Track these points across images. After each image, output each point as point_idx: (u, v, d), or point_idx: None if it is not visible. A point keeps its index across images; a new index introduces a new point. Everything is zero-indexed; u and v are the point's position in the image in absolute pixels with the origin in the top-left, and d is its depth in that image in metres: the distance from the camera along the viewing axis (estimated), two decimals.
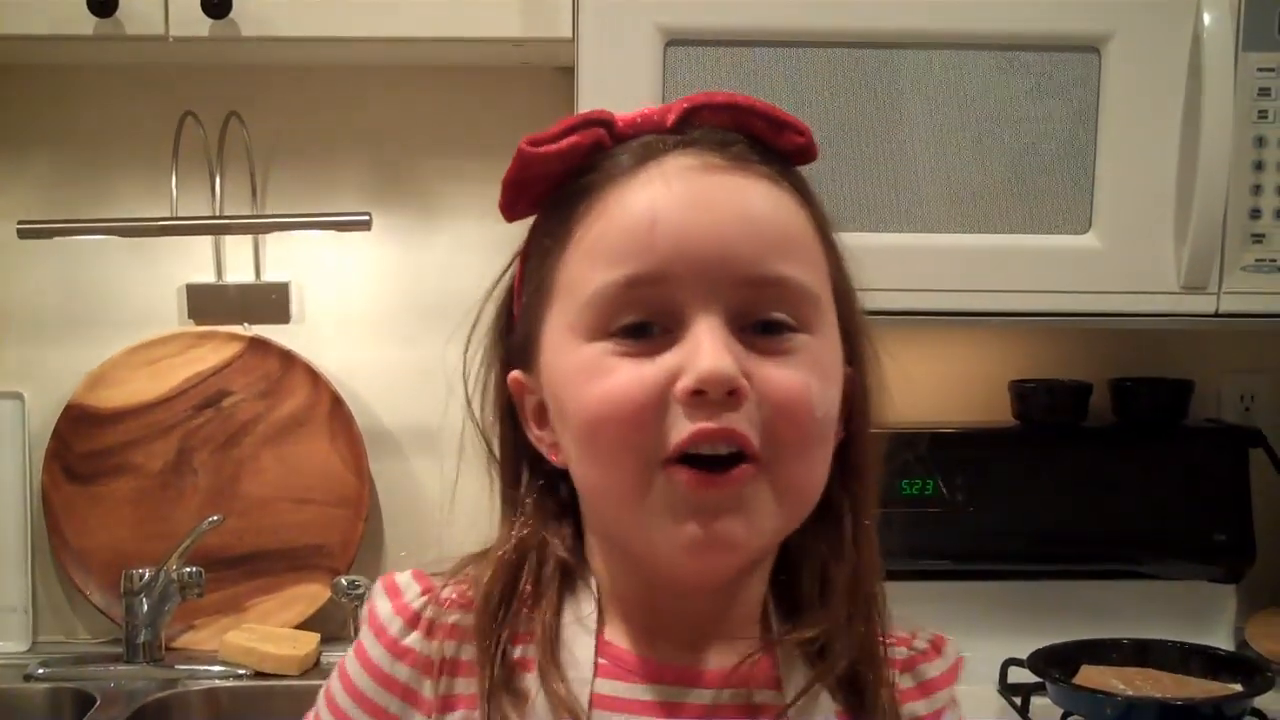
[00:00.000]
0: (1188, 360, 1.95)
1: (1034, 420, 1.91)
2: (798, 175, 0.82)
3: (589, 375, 0.76)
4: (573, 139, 0.80)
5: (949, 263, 1.57)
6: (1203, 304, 1.58)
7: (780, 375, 0.75)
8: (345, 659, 0.87)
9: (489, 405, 0.88)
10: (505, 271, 0.87)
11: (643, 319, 0.75)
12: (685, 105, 0.80)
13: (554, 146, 0.80)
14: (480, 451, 0.89)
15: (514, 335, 0.86)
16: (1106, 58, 1.55)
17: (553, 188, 0.82)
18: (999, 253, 1.57)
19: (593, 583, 0.84)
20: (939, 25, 1.55)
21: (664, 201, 0.76)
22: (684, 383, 0.73)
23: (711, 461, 0.74)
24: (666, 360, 0.74)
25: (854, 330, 0.84)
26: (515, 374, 0.85)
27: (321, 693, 0.88)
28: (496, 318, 0.88)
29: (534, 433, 0.84)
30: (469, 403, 0.88)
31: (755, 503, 0.75)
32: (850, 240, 0.86)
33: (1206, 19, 1.53)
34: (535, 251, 0.83)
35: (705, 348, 0.73)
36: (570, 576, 0.85)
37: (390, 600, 0.86)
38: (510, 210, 0.84)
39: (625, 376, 0.75)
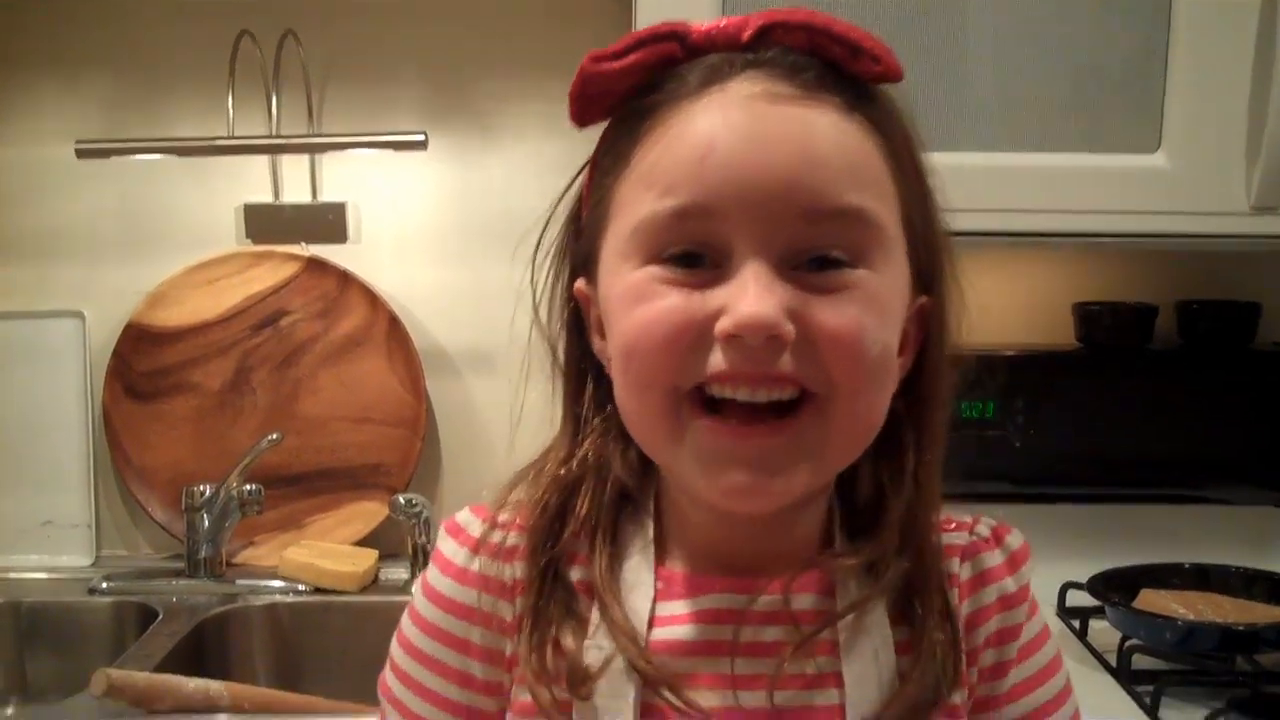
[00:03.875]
0: (1255, 282, 1.91)
1: (1097, 343, 1.89)
2: (874, 102, 0.77)
3: (634, 299, 0.75)
4: (637, 56, 0.77)
5: (1012, 182, 1.54)
6: (1273, 225, 1.54)
7: (831, 315, 0.72)
8: (412, 604, 0.87)
9: (556, 313, 0.87)
10: (575, 179, 0.86)
11: (692, 250, 0.74)
12: (761, 23, 0.76)
13: (616, 64, 0.78)
14: (543, 367, 0.88)
15: (580, 245, 0.84)
16: None
17: (622, 99, 0.79)
18: (1064, 172, 1.54)
19: (651, 508, 0.84)
20: None
21: (720, 133, 0.73)
22: (722, 324, 0.71)
23: (750, 410, 0.73)
24: (714, 296, 0.72)
25: (935, 259, 0.81)
26: (580, 284, 0.84)
27: (393, 644, 0.88)
28: (565, 226, 0.86)
29: (597, 344, 0.83)
30: (535, 309, 0.87)
31: (793, 458, 0.74)
32: None
33: None
34: (601, 165, 0.82)
35: (750, 291, 0.71)
36: (630, 501, 0.85)
37: (453, 539, 0.86)
38: (580, 120, 0.81)
39: (668, 304, 0.73)
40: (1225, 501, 1.86)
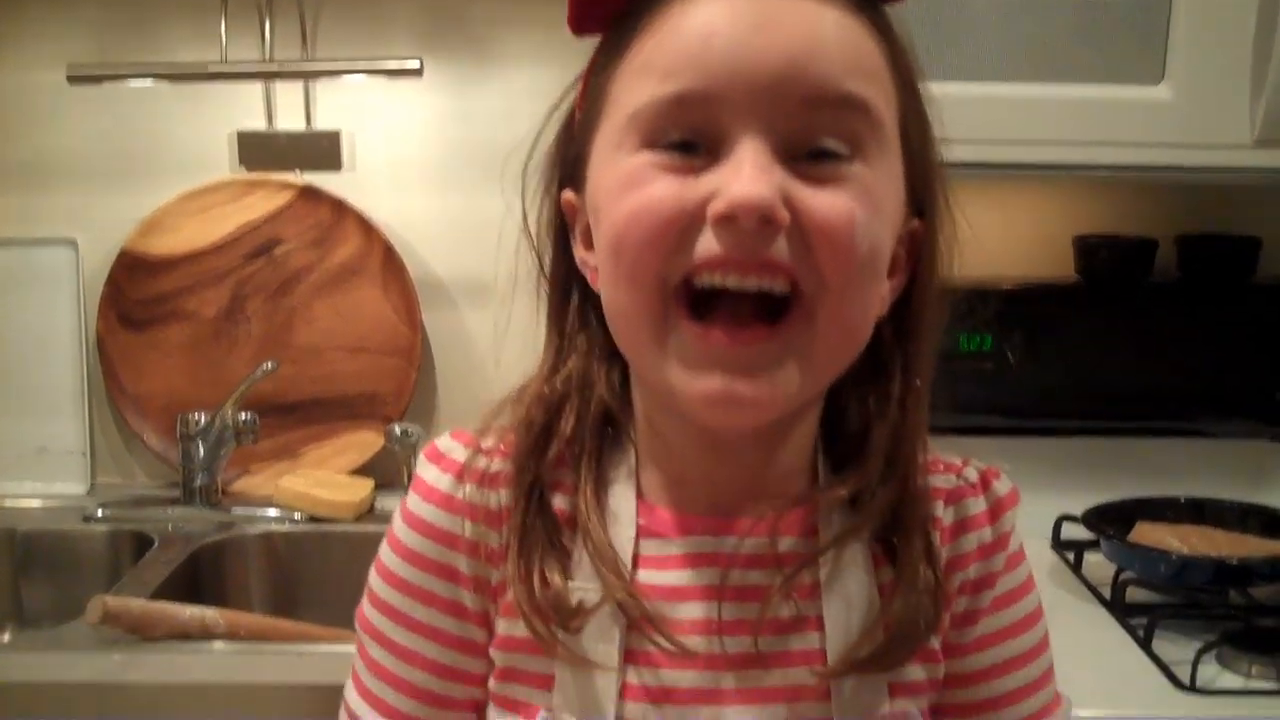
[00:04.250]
0: (1256, 217, 1.90)
1: (1097, 276, 1.88)
2: (881, 13, 0.77)
3: (627, 186, 0.73)
4: None
5: (1014, 113, 1.52)
6: (1276, 159, 1.53)
7: (823, 201, 0.71)
8: (391, 532, 0.85)
9: (545, 226, 0.85)
10: (569, 90, 0.84)
11: (688, 138, 0.72)
12: None
13: None
14: (530, 290, 0.86)
15: (570, 150, 0.83)
16: None
17: (621, 3, 0.77)
18: (1066, 104, 1.52)
19: (632, 434, 0.83)
20: None
21: (723, 20, 0.71)
22: (715, 205, 0.70)
23: (739, 301, 0.72)
24: (707, 180, 0.71)
25: (928, 182, 0.80)
26: (567, 194, 0.82)
27: (371, 576, 0.86)
28: (557, 138, 0.84)
29: (580, 254, 0.81)
30: (525, 219, 0.85)
31: (780, 362, 0.72)
32: None
33: None
34: (595, 65, 0.80)
35: (745, 171, 0.69)
36: (614, 426, 0.83)
37: (435, 465, 0.84)
38: (577, 24, 0.80)
39: (660, 189, 0.72)
40: (1221, 435, 1.86)
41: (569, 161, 0.82)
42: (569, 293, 0.84)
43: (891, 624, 0.79)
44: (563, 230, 0.84)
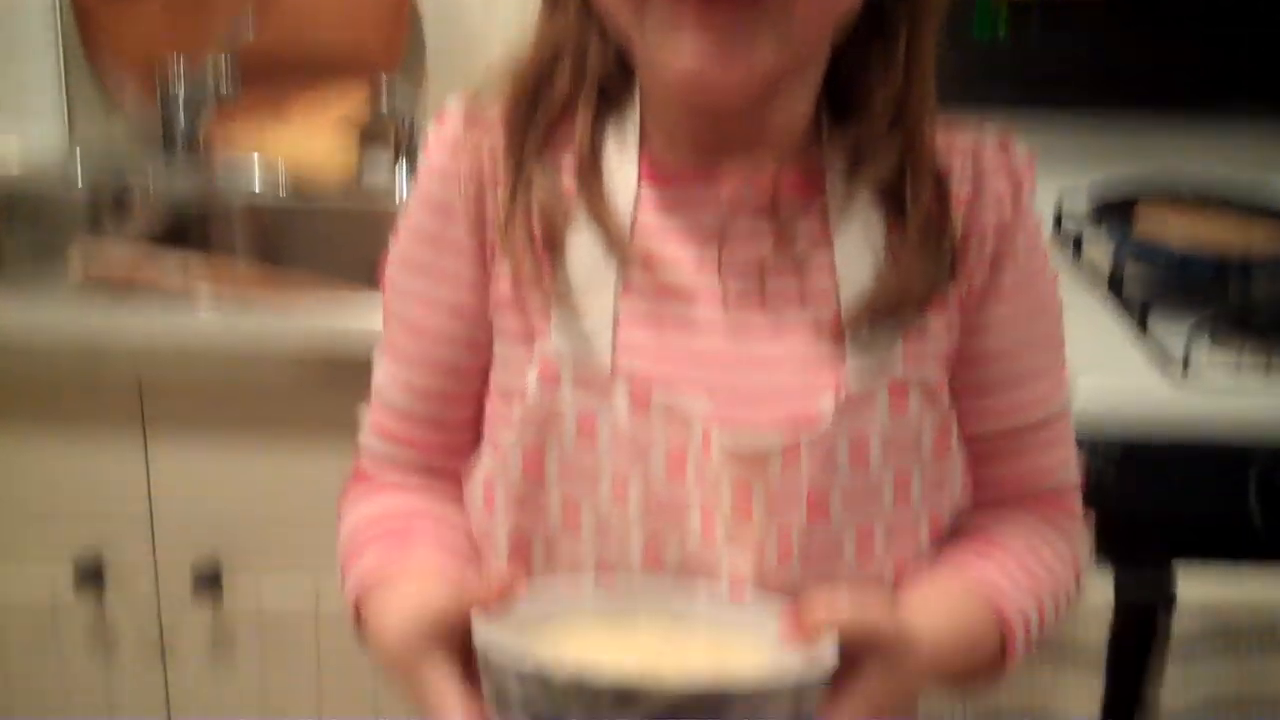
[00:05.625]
0: None
1: None
2: None
3: None
4: None
5: None
6: None
7: None
8: (412, 193, 0.87)
9: None
10: None
11: None
12: None
13: None
14: None
15: None
16: None
17: None
18: None
19: (636, 94, 0.82)
20: None
21: None
22: None
23: None
24: None
25: None
26: None
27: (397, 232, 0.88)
28: None
29: None
30: None
31: (754, 36, 0.71)
32: None
33: None
34: None
35: None
36: (610, 90, 0.82)
37: (441, 123, 0.86)
38: None
39: None
40: (1236, 115, 1.82)
41: None
42: None
43: (905, 268, 0.79)
44: None
